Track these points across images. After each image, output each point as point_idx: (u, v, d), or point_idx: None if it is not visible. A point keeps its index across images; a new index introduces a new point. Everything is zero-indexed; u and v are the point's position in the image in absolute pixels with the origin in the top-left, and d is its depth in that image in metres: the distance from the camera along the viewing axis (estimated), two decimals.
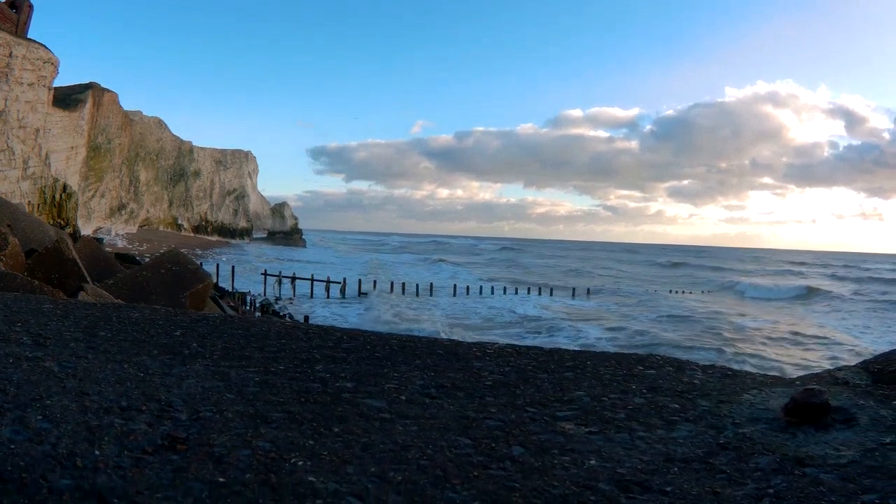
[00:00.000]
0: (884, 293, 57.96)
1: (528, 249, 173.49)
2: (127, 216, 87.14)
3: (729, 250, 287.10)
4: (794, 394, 2.55)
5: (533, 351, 3.44)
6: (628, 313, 38.40)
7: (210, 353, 2.88)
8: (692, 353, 22.73)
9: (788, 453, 2.09)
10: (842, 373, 3.58)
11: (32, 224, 17.57)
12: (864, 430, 2.31)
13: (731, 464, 1.97)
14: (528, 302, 44.64)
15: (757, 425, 2.41)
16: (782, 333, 31.51)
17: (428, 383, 2.55)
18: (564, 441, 2.04)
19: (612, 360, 3.43)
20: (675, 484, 1.79)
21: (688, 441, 2.17)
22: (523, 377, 2.83)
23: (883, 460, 1.95)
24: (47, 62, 47.04)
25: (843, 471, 1.90)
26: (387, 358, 2.97)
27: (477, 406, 2.28)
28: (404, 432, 1.88)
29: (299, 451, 1.64)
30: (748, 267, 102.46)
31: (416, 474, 1.53)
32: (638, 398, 2.67)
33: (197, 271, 15.32)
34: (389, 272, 62.89)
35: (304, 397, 2.19)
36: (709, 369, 3.36)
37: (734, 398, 2.73)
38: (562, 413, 2.34)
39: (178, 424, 1.83)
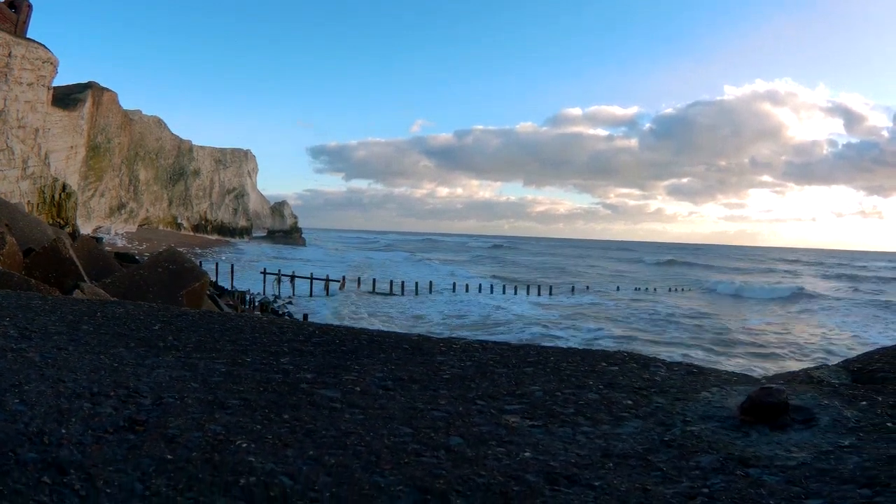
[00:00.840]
0: (878, 292, 57.33)
1: (521, 247, 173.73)
2: (126, 215, 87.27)
3: (728, 248, 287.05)
4: (751, 392, 2.49)
5: (499, 347, 3.51)
6: (598, 311, 38.76)
7: (183, 346, 3.02)
8: (659, 349, 22.78)
9: (734, 453, 2.05)
10: (819, 372, 3.57)
11: (31, 224, 17.71)
12: (822, 432, 2.25)
13: (670, 461, 1.95)
14: (502, 299, 44.85)
15: (708, 423, 2.37)
16: (756, 333, 31.31)
17: (386, 376, 2.64)
18: (505, 433, 2.08)
19: (577, 356, 3.45)
20: (605, 479, 1.78)
21: (631, 437, 2.16)
22: (482, 371, 2.88)
23: (836, 463, 1.89)
24: (46, 62, 47.16)
25: (789, 473, 1.85)
26: (352, 352, 3.08)
27: (428, 398, 2.36)
28: (350, 420, 1.98)
29: (246, 435, 1.78)
30: (741, 265, 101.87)
31: (350, 459, 1.64)
32: (592, 394, 2.66)
33: (194, 270, 15.45)
34: (376, 270, 63.14)
35: (264, 387, 2.33)
36: (674, 367, 3.32)
37: (692, 396, 2.69)
38: (510, 406, 2.37)
39: (140, 409, 1.98)
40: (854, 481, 1.74)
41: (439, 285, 49.88)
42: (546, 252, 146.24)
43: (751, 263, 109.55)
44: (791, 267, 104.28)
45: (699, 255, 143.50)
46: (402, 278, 50.66)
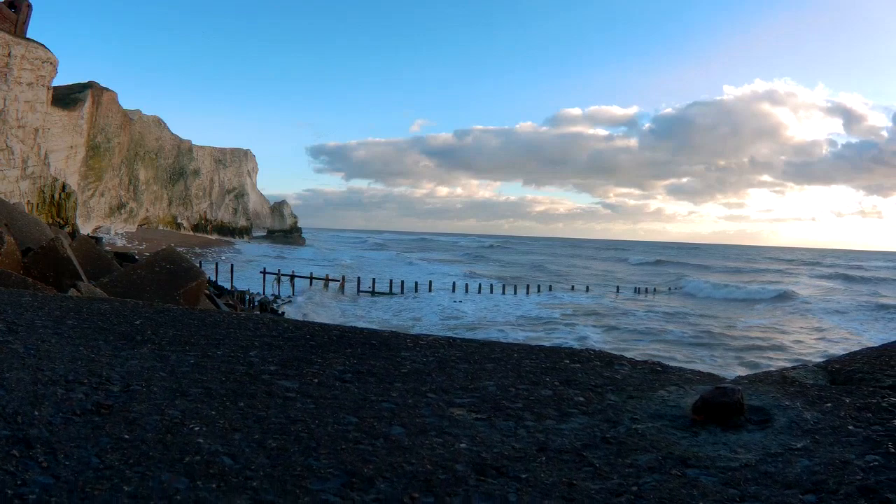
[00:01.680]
0: (871, 293, 56.57)
1: (512, 247, 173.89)
2: (126, 215, 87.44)
3: (726, 248, 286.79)
4: (704, 392, 2.47)
5: (466, 343, 3.60)
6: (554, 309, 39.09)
7: (159, 340, 3.18)
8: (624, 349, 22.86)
9: (675, 452, 2.03)
10: (795, 372, 3.50)
11: (30, 223, 17.86)
12: (776, 433, 2.21)
13: (605, 458, 1.95)
14: (464, 297, 45.12)
15: (657, 422, 2.35)
16: (720, 333, 31.46)
17: (347, 369, 2.76)
18: (447, 425, 2.14)
19: (541, 353, 3.48)
20: (533, 472, 1.80)
21: (573, 433, 2.17)
22: (442, 366, 2.96)
23: (783, 466, 1.87)
24: (46, 62, 47.33)
25: (729, 474, 1.83)
26: (320, 346, 3.22)
27: (381, 390, 2.46)
28: (301, 409, 2.11)
29: (200, 420, 1.92)
30: (735, 265, 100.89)
31: (291, 444, 1.77)
32: (546, 390, 2.69)
33: (191, 269, 15.60)
34: (359, 270, 63.61)
35: (227, 377, 2.47)
36: (639, 365, 3.32)
37: (648, 394, 2.69)
38: (459, 400, 2.44)
39: (109, 395, 2.14)
40: (798, 486, 1.71)
41: (409, 284, 49.72)
42: (536, 251, 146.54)
43: (745, 263, 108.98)
44: (785, 267, 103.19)
45: (693, 255, 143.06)
46: (377, 276, 51.27)
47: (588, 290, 54.57)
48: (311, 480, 1.49)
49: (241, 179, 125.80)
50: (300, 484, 1.46)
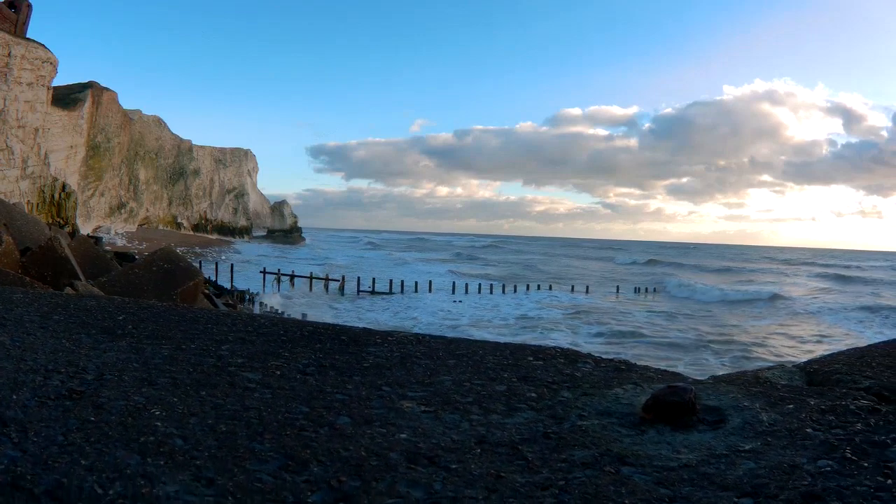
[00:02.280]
0: (859, 294, 55.56)
1: (506, 246, 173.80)
2: (126, 215, 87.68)
3: (725, 248, 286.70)
4: (656, 390, 2.46)
5: (434, 340, 3.69)
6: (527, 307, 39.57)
7: (138, 334, 3.34)
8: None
9: (614, 449, 2.03)
10: (770, 372, 3.50)
11: (29, 223, 18.03)
12: (727, 434, 2.19)
13: (540, 453, 1.97)
14: (431, 297, 45.85)
15: (604, 419, 2.35)
16: (691, 334, 31.58)
17: (311, 363, 2.89)
18: (394, 417, 2.21)
19: (506, 350, 3.52)
20: (465, 463, 1.83)
21: (515, 427, 2.19)
22: (403, 361, 3.06)
23: (725, 468, 1.86)
24: (46, 62, 47.52)
25: (665, 474, 1.82)
26: (290, 341, 3.37)
27: (338, 383, 2.57)
28: (257, 398, 2.24)
29: (162, 406, 2.08)
30: (729, 265, 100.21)
31: (240, 428, 1.90)
32: (501, 386, 2.72)
33: (189, 269, 15.76)
34: (348, 268, 64.13)
35: (195, 368, 2.63)
36: (602, 363, 3.33)
37: (603, 392, 2.69)
38: (412, 394, 2.51)
39: (83, 382, 2.30)
40: (736, 488, 1.70)
41: (400, 283, 50.52)
42: (530, 251, 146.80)
43: (738, 263, 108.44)
44: (778, 266, 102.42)
45: (688, 255, 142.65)
46: (363, 275, 51.69)
47: (573, 289, 54.69)
48: (251, 461, 1.62)
49: (242, 179, 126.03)
50: (240, 464, 1.60)
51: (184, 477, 1.50)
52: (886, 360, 3.66)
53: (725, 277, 75.01)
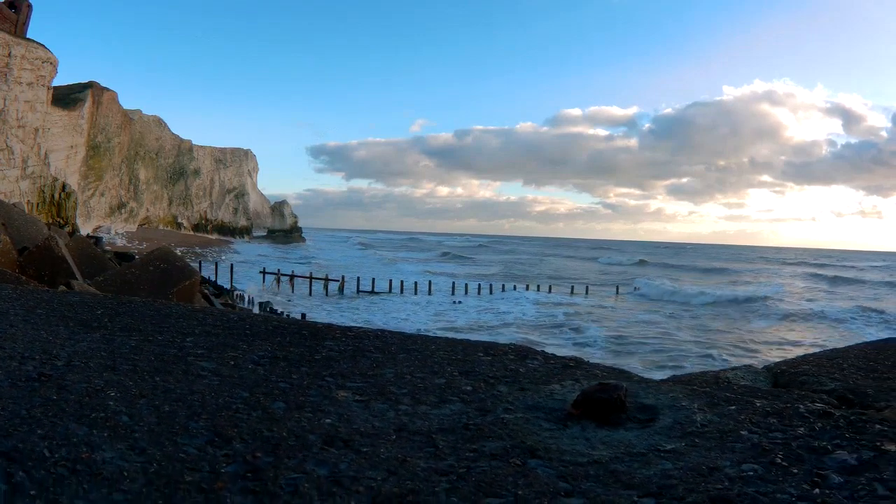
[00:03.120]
0: (844, 297, 54.15)
1: (498, 246, 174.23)
2: (127, 215, 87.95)
3: (723, 248, 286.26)
4: (586, 387, 2.49)
5: (392, 335, 3.86)
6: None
7: (112, 327, 3.60)
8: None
9: (528, 442, 2.05)
10: (734, 373, 3.59)
11: (27, 223, 18.25)
12: (653, 433, 2.18)
13: (453, 442, 2.03)
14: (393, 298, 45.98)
15: (531, 413, 2.38)
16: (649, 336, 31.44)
17: (265, 354, 3.09)
18: (326, 404, 2.34)
19: (458, 346, 3.62)
20: (376, 447, 1.93)
21: (438, 418, 2.25)
22: (354, 354, 3.21)
23: (638, 467, 1.86)
24: (46, 62, 47.78)
25: (571, 469, 1.83)
26: (254, 335, 3.59)
27: (285, 373, 2.76)
28: (205, 385, 2.46)
29: (118, 388, 2.32)
30: (721, 265, 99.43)
31: (182, 409, 2.12)
32: (441, 379, 2.81)
33: (185, 268, 15.97)
34: (331, 267, 64.71)
35: (156, 357, 2.87)
36: (552, 360, 3.39)
37: (540, 387, 2.73)
38: (351, 384, 2.65)
39: (53, 368, 2.55)
40: (641, 487, 1.71)
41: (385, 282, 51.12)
42: (521, 251, 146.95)
43: (732, 264, 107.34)
44: (769, 266, 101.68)
45: (681, 256, 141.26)
46: (346, 273, 52.70)
47: (551, 289, 54.43)
48: (182, 436, 1.85)
49: (242, 179, 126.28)
50: (172, 438, 1.83)
51: (121, 446, 1.75)
52: (860, 361, 3.71)
53: (712, 278, 74.63)
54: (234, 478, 1.58)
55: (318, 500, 1.46)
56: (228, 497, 1.46)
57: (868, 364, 3.65)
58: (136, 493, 1.46)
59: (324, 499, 1.47)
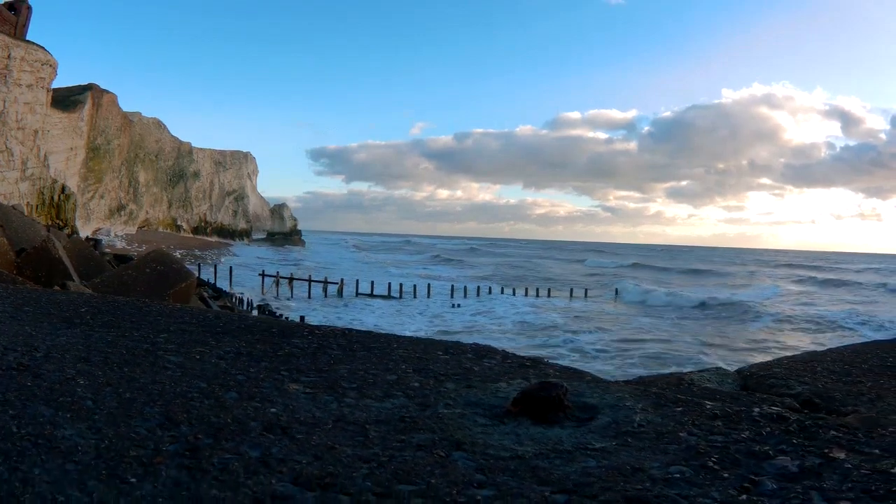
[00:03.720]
0: (831, 299, 53.67)
1: (490, 249, 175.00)
2: (126, 217, 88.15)
3: (721, 251, 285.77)
4: (525, 386, 2.56)
5: (357, 334, 4.03)
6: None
7: (93, 323, 3.82)
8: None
9: (456, 436, 2.10)
10: (699, 375, 3.66)
11: (25, 224, 18.45)
12: (587, 431, 2.20)
13: (384, 433, 2.10)
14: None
15: (469, 409, 2.43)
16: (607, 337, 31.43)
17: (231, 350, 3.28)
18: (275, 395, 2.48)
19: (419, 345, 3.74)
20: (309, 434, 2.04)
21: (378, 411, 2.36)
22: (316, 351, 3.36)
23: (560, 464, 1.88)
24: (46, 64, 48.02)
25: (491, 462, 1.88)
26: (225, 332, 3.80)
27: (244, 366, 2.93)
28: (168, 376, 2.65)
29: (87, 377, 2.54)
30: (709, 268, 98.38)
31: (142, 396, 2.33)
32: (392, 375, 2.92)
33: (181, 270, 16.16)
34: (316, 269, 65.23)
35: (128, 351, 3.09)
36: (509, 360, 3.48)
37: (488, 385, 2.80)
38: (305, 378, 2.79)
39: (32, 359, 2.77)
40: (556, 484, 1.73)
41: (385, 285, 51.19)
42: (511, 254, 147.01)
43: (727, 267, 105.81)
44: (764, 269, 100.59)
45: (679, 259, 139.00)
46: (330, 275, 53.04)
47: (527, 293, 54.26)
48: (137, 420, 2.06)
49: (241, 182, 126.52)
50: (127, 421, 2.04)
51: (80, 426, 1.97)
52: (836, 365, 3.72)
53: (700, 281, 73.74)
54: (174, 455, 1.78)
55: (243, 477, 1.65)
56: (164, 471, 1.66)
57: (844, 367, 3.66)
58: (86, 464, 1.67)
59: (249, 477, 1.65)
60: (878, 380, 3.36)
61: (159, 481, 1.59)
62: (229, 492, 1.54)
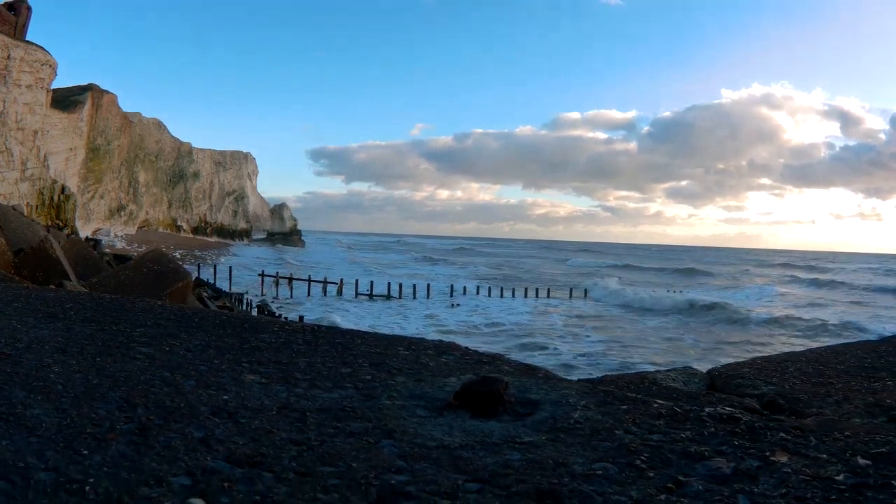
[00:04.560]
0: (814, 303, 51.25)
1: (479, 248, 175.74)
2: (126, 217, 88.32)
3: (718, 251, 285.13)
4: (467, 380, 2.61)
5: (327, 330, 4.19)
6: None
7: (76, 318, 4.05)
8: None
9: (389, 425, 2.18)
10: (666, 374, 3.71)
11: (23, 225, 18.66)
12: (520, 426, 2.24)
13: (321, 420, 2.21)
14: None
15: (412, 401, 2.51)
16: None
17: (201, 343, 3.47)
18: (230, 384, 2.64)
19: (383, 340, 3.87)
20: (253, 420, 2.18)
21: (323, 400, 2.48)
22: (281, 346, 3.53)
23: (483, 454, 1.94)
24: (45, 64, 48.23)
25: (416, 450, 1.95)
26: (199, 327, 4.01)
27: (208, 358, 3.12)
28: (136, 366, 2.86)
29: (62, 365, 2.76)
30: (696, 267, 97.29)
31: (107, 382, 2.53)
32: (347, 369, 3.05)
33: (178, 270, 16.34)
34: (297, 267, 65.64)
35: (104, 343, 3.31)
36: (468, 355, 3.59)
37: (439, 379, 2.88)
38: (263, 369, 2.95)
39: (14, 349, 3.00)
40: (472, 473, 1.79)
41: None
42: (499, 254, 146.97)
43: (718, 267, 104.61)
44: (758, 269, 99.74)
45: (666, 259, 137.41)
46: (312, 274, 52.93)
47: (504, 294, 53.79)
48: (99, 403, 2.27)
49: (241, 182, 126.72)
50: (90, 403, 2.26)
51: (48, 406, 2.19)
52: (809, 366, 3.73)
53: (684, 281, 73.15)
54: (126, 433, 1.99)
55: (182, 454, 1.84)
56: (114, 445, 1.87)
57: (817, 368, 3.68)
58: (47, 437, 1.90)
59: (187, 453, 1.85)
60: (849, 381, 3.34)
61: (108, 454, 1.80)
62: (166, 465, 1.74)
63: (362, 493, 1.64)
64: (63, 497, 1.51)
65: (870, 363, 3.77)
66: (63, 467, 1.68)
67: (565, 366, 22.48)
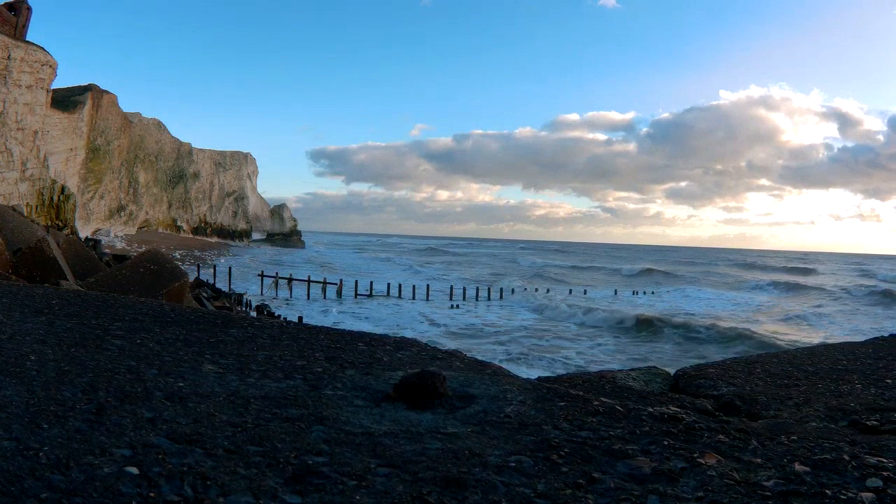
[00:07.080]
0: (794, 307, 48.38)
1: (455, 249, 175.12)
2: (126, 218, 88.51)
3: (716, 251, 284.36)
4: (407, 374, 2.69)
5: (294, 326, 4.42)
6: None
7: (60, 313, 4.30)
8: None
9: (324, 413, 2.30)
10: (631, 373, 3.78)
11: (22, 225, 18.89)
12: (450, 418, 2.31)
13: (261, 406, 2.36)
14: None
15: (354, 392, 2.63)
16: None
17: (171, 337, 3.70)
18: (189, 373, 2.81)
19: (346, 336, 4.05)
20: (201, 404, 2.35)
21: (270, 389, 2.64)
22: (246, 340, 3.73)
23: (404, 442, 2.01)
24: (45, 64, 48.43)
25: (341, 436, 2.06)
26: (173, 322, 4.25)
27: (174, 350, 3.33)
28: (106, 356, 3.09)
29: (38, 355, 3.01)
30: (690, 269, 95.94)
31: (78, 370, 2.77)
32: (302, 361, 3.20)
33: (175, 270, 16.55)
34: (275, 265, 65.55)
35: (81, 335, 3.56)
36: (426, 351, 3.72)
37: (386, 373, 3.00)
38: (223, 361, 3.15)
39: None
40: (386, 459, 1.88)
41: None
42: (478, 254, 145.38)
43: (699, 268, 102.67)
44: (746, 272, 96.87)
45: (669, 261, 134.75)
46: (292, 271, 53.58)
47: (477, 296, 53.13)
48: (66, 387, 2.51)
49: (241, 182, 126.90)
50: (58, 386, 2.51)
51: (20, 389, 2.44)
52: (777, 368, 3.71)
53: (669, 282, 72.18)
54: (84, 412, 2.24)
55: (130, 430, 2.08)
56: (71, 422, 2.12)
57: (786, 370, 3.67)
58: (14, 414, 2.15)
59: (134, 430, 2.08)
60: (815, 383, 3.31)
61: (64, 429, 2.05)
62: (113, 438, 1.99)
63: (279, 470, 1.78)
64: (19, 460, 1.75)
65: (844, 365, 3.73)
66: (24, 438, 1.93)
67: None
